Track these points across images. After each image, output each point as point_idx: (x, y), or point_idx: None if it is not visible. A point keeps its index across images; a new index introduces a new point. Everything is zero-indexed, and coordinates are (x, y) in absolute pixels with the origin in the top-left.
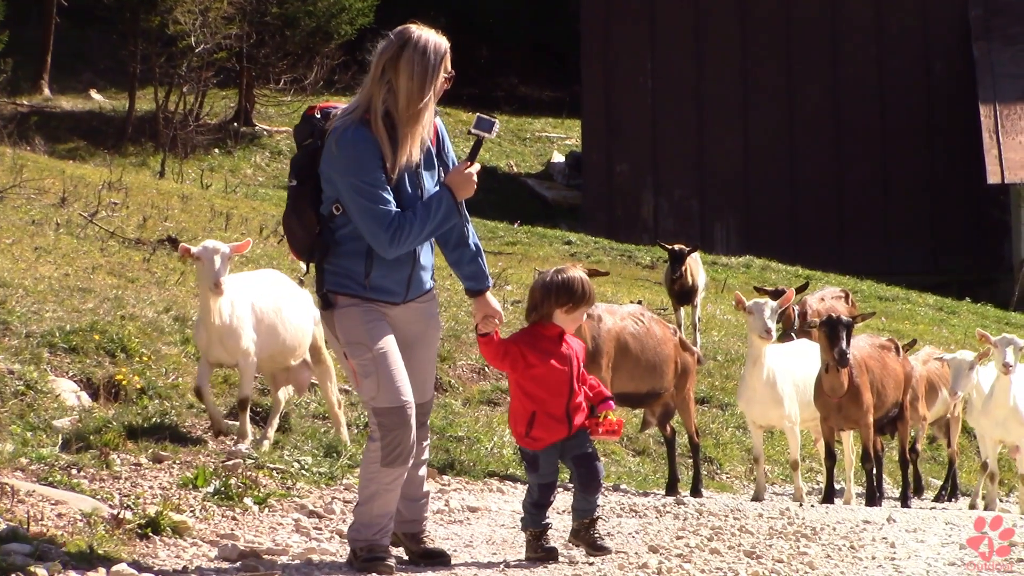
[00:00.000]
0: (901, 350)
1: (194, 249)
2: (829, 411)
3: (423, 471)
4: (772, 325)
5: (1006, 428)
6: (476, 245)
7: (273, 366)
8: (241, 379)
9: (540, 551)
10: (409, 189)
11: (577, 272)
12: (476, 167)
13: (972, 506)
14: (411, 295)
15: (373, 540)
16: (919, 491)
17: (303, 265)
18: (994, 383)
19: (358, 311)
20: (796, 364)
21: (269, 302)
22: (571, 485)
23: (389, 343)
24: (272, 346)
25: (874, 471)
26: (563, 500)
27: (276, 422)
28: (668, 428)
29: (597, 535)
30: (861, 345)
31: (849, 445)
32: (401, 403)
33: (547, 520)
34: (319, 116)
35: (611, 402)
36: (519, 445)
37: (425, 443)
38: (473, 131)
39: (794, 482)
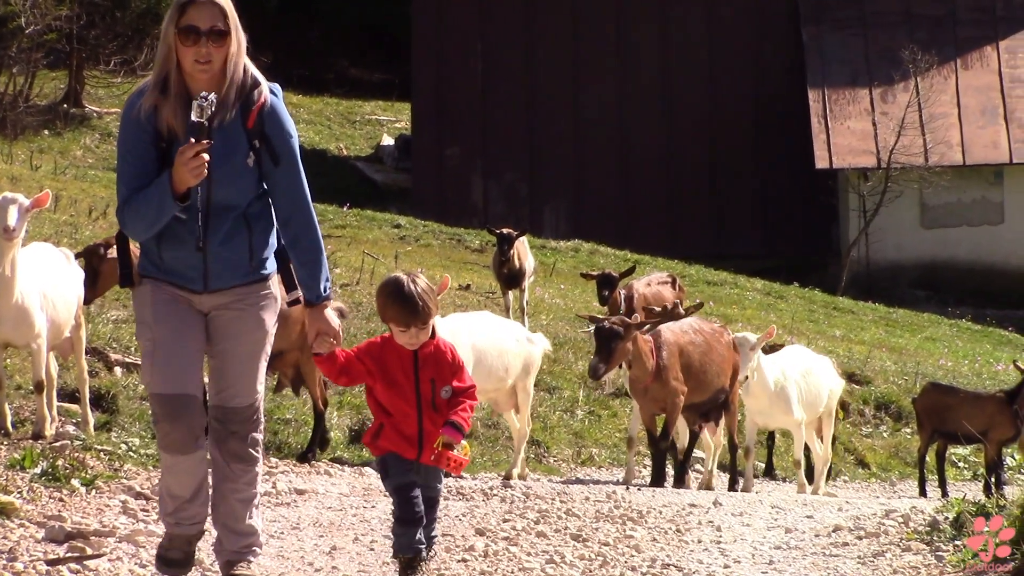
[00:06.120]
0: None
1: None
2: (639, 394)
3: (244, 503)
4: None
5: (770, 415)
6: (312, 247)
7: (56, 339)
8: (34, 362)
9: None
10: None
11: (408, 279)
12: (199, 149)
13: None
14: (214, 285)
15: (172, 528)
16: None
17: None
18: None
19: (150, 290)
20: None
21: (50, 278)
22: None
23: (176, 324)
24: (56, 321)
25: (667, 453)
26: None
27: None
28: None
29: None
30: (681, 328)
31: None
32: (172, 392)
33: (419, 543)
34: None
35: (454, 430)
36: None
37: (248, 469)
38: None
39: None
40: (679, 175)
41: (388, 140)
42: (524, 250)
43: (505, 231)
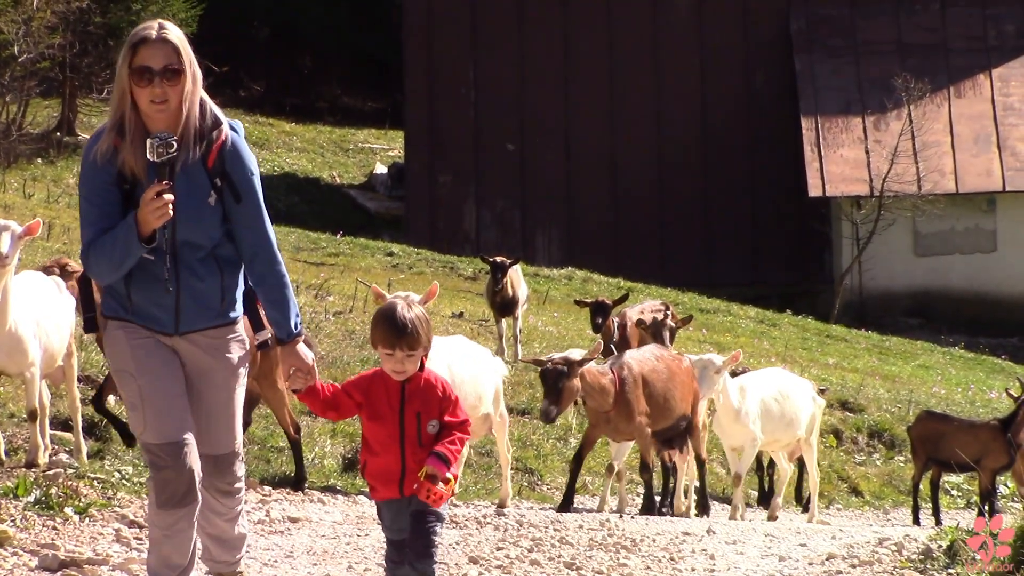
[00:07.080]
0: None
1: None
2: (598, 421)
3: (231, 521)
4: None
5: (732, 434)
6: (278, 284)
7: (49, 368)
8: (28, 391)
9: None
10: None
11: (404, 304)
12: (160, 190)
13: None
14: (185, 327)
15: None
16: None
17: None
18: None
19: (124, 334)
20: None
21: (42, 306)
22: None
23: (159, 370)
24: (49, 350)
25: (652, 481)
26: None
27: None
28: None
29: None
30: (643, 356)
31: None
32: (170, 439)
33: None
34: None
35: (439, 461)
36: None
37: (234, 502)
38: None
39: None
40: (672, 203)
41: (381, 168)
42: (517, 278)
43: (499, 259)
